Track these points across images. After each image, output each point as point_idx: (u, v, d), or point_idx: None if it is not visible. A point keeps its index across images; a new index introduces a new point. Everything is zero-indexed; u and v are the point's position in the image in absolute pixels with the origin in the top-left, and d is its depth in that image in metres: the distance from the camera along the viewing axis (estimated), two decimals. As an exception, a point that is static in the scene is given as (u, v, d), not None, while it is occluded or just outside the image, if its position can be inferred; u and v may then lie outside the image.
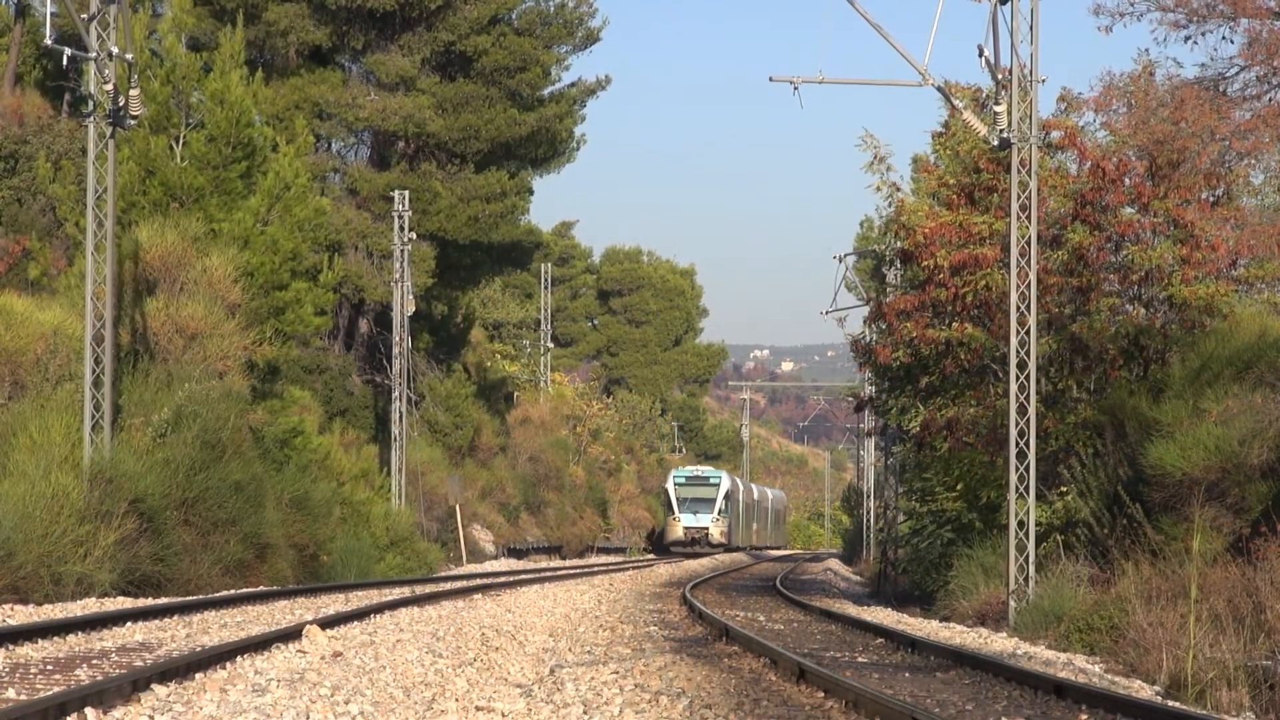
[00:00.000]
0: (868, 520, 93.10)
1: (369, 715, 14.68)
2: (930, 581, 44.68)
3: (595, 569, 64.21)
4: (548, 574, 54.26)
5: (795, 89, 35.12)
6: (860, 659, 23.10)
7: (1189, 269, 36.21)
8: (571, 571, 58.37)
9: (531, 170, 76.33)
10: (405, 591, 36.29)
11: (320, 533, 45.68)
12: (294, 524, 43.03)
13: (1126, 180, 37.37)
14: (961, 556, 38.06)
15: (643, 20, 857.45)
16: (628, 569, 63.13)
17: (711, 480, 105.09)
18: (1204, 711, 17.26)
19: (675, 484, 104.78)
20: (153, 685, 15.86)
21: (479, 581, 44.35)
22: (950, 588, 37.51)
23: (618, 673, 19.04)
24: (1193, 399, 32.39)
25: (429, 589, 37.95)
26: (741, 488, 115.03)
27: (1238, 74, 31.51)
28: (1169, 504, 30.51)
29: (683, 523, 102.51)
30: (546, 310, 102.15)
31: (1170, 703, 18.03)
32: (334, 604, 30.75)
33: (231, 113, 48.43)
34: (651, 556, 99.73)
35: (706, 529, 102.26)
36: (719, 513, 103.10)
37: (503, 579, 48.21)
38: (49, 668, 17.94)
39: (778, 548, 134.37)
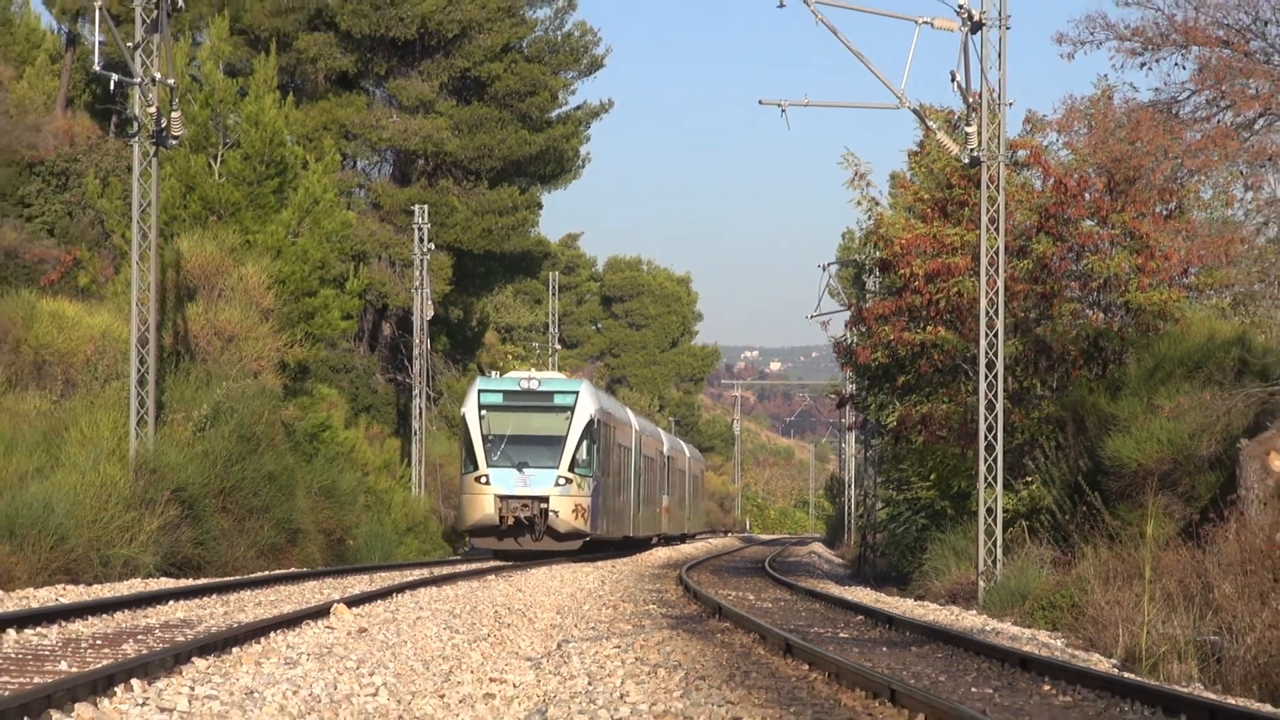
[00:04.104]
0: (849, 507, 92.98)
1: (391, 686, 14.71)
2: (906, 563, 44.70)
3: (628, 550, 64.08)
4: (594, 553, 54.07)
5: (783, 111, 35.17)
6: (842, 634, 23.12)
7: (1144, 277, 36.26)
8: (598, 554, 58.25)
9: (540, 186, 76.35)
10: (424, 573, 36.28)
11: (346, 519, 45.69)
12: (322, 511, 43.05)
13: (1087, 195, 37.42)
14: (934, 540, 38.12)
15: (644, 47, 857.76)
16: (629, 552, 62.93)
17: (558, 398, 49.20)
18: (1157, 683, 17.28)
19: (483, 404, 48.58)
20: (193, 658, 15.89)
21: (492, 564, 44.32)
22: (924, 569, 37.56)
23: (619, 647, 19.06)
24: (1147, 396, 32.43)
25: (446, 570, 37.93)
26: (635, 424, 60.75)
27: (1189, 98, 31.58)
28: (1125, 492, 30.56)
29: (494, 489, 47.25)
30: (554, 315, 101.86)
31: (1126, 674, 18.06)
32: (359, 584, 30.76)
33: (265, 133, 48.51)
34: (450, 566, 43.75)
35: (545, 501, 47.30)
36: (573, 467, 48.02)
37: (514, 562, 48.17)
38: (98, 642, 17.97)
39: (690, 535, 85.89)
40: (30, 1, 66.96)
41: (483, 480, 47.46)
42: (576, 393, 49.48)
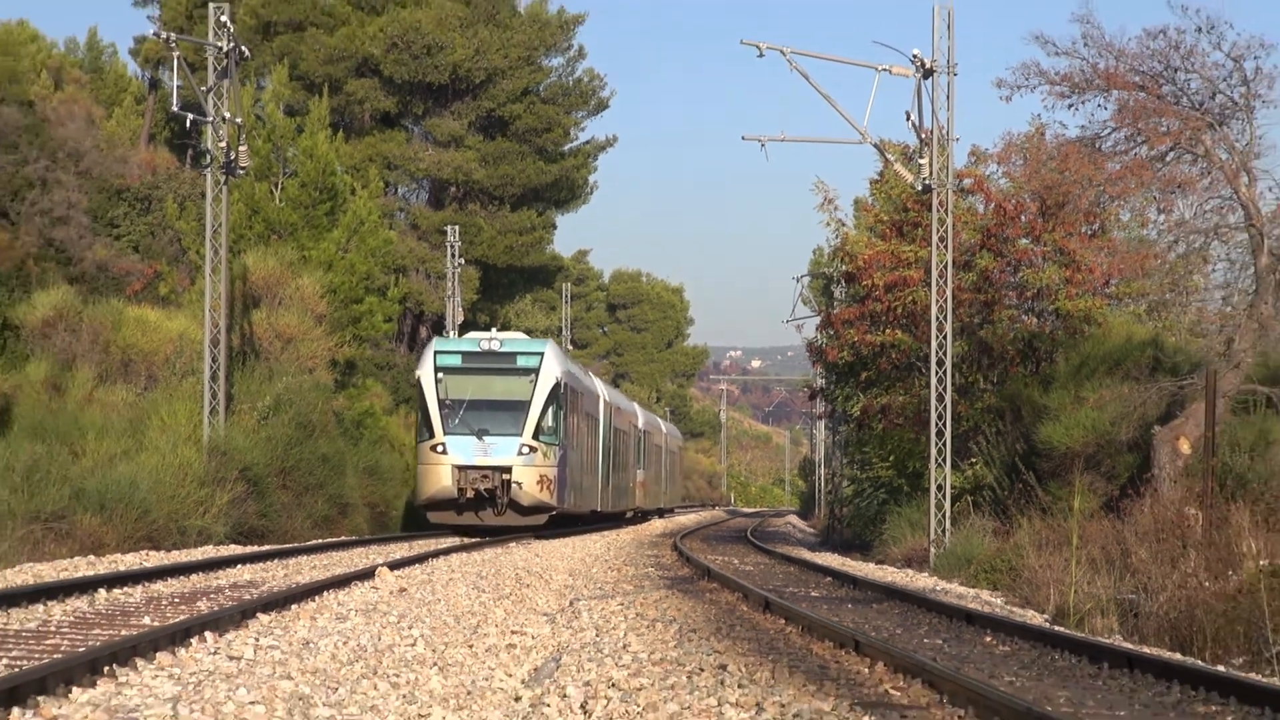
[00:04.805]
0: (819, 485, 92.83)
1: (428, 638, 14.73)
2: (868, 533, 44.71)
3: (605, 525, 64.04)
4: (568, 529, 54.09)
5: (763, 145, 35.25)
6: (813, 593, 23.14)
7: (1071, 287, 36.29)
8: (587, 527, 58.26)
9: (555, 209, 76.37)
10: (456, 541, 36.25)
11: (388, 494, 45.70)
12: (368, 487, 43.06)
13: (1022, 217, 37.46)
14: (892, 513, 38.15)
15: (644, 89, 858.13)
16: (599, 527, 62.83)
17: (521, 360, 39.40)
18: (1083, 635, 17.30)
19: (439, 366, 39.12)
20: (258, 614, 15.91)
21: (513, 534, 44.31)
22: (884, 537, 37.58)
23: (623, 604, 19.08)
24: (1074, 389, 32.47)
25: (474, 539, 37.91)
26: (605, 394, 50.46)
27: (1110, 134, 31.54)
28: (1055, 472, 30.60)
29: (451, 458, 37.77)
30: (567, 320, 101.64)
31: (1056, 628, 18.08)
32: (400, 550, 30.77)
33: (319, 164, 48.56)
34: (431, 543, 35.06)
35: (508, 472, 37.98)
36: (537, 435, 38.48)
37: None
38: (176, 600, 18.00)
39: (667, 510, 75.10)
40: (119, 52, 67.13)
41: (439, 449, 37.89)
42: (541, 354, 39.25)
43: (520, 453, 38.10)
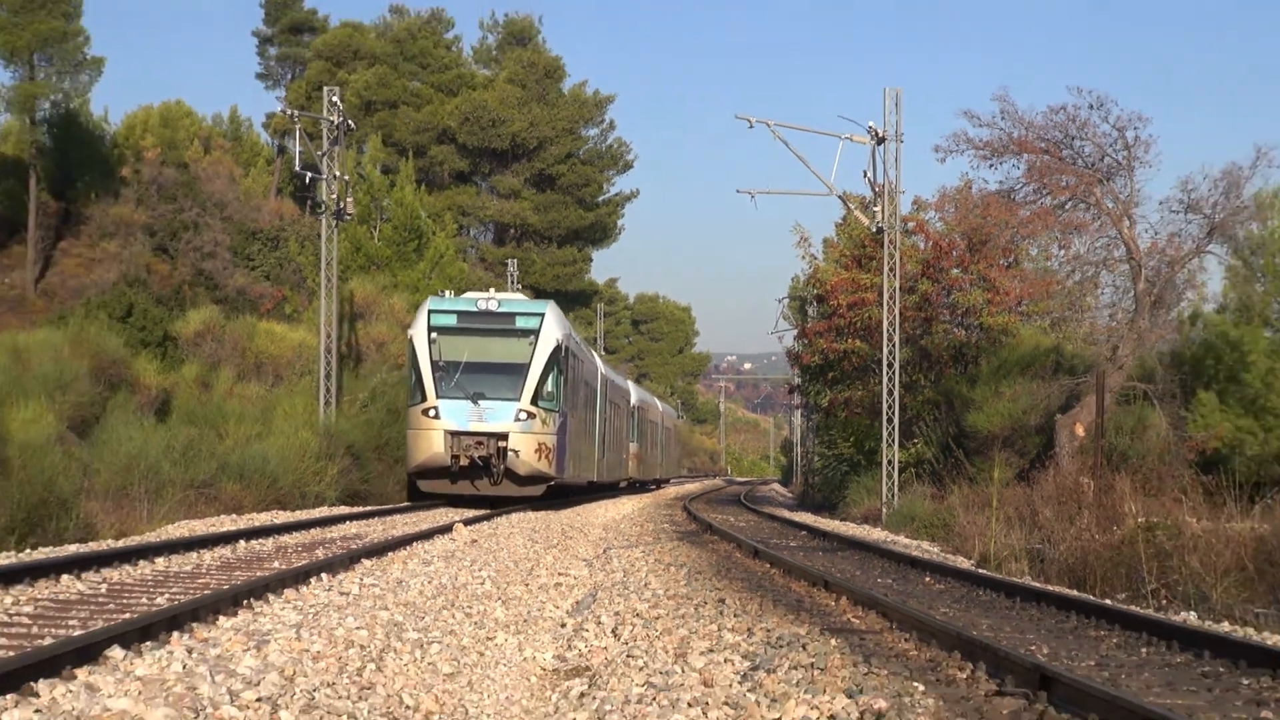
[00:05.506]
0: (796, 460, 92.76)
1: (494, 578, 14.77)
2: (835, 497, 44.69)
3: (633, 492, 63.94)
4: (603, 495, 54.01)
5: (752, 197, 35.19)
6: (792, 544, 23.14)
7: (992, 307, 36.24)
8: (617, 494, 58.20)
9: (591, 246, 76.51)
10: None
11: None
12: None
13: (954, 253, 37.41)
14: (853, 482, 38.13)
15: (661, 152, 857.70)
16: (651, 490, 62.78)
17: (520, 321, 29.14)
18: (1001, 576, 17.30)
19: (433, 326, 29.00)
20: (362, 560, 15.95)
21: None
22: (846, 500, 37.56)
23: (645, 552, 19.11)
24: (994, 386, 32.45)
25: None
26: (600, 365, 39.35)
27: (1022, 188, 31.52)
28: (979, 449, 30.58)
29: (444, 423, 28.11)
30: (600, 332, 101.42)
31: (980, 570, 18.07)
32: (471, 510, 30.77)
33: (407, 211, 48.68)
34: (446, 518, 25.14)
35: (504, 439, 28.16)
36: (535, 400, 28.48)
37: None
38: (299, 549, 18.05)
39: (663, 481, 66.05)
40: (254, 125, 67.45)
41: (431, 414, 28.78)
42: (541, 315, 29.77)
43: (517, 419, 28.82)
